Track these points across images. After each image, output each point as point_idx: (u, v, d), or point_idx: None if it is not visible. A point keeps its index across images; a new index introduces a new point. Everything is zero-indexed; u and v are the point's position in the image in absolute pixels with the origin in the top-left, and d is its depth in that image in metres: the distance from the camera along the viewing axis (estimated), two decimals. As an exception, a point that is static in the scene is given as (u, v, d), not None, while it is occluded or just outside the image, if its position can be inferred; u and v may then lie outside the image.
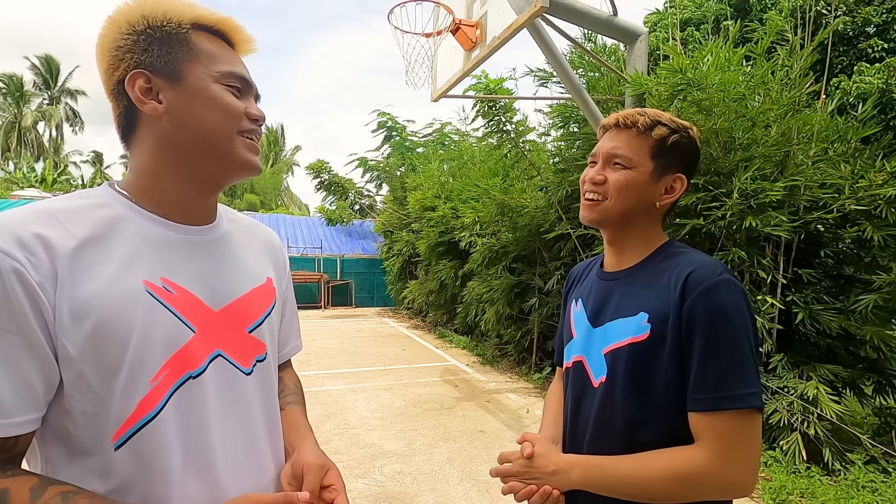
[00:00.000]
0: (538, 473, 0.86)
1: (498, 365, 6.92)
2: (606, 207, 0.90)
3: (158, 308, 0.64)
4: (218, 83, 0.68)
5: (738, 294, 0.80)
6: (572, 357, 0.99)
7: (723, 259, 3.48)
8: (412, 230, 10.37)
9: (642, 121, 0.89)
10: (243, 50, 0.75)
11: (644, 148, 0.89)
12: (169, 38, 0.66)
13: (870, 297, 3.18)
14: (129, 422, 0.62)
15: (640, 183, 0.89)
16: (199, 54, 0.68)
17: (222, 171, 0.71)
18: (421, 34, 3.77)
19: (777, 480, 3.07)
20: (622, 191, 0.89)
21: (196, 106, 0.67)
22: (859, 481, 2.96)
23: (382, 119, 13.62)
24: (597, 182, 0.90)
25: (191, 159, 0.68)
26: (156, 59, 0.66)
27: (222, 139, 0.68)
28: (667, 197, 0.91)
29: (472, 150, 8.99)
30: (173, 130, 0.67)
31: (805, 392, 3.23)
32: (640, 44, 3.97)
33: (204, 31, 0.70)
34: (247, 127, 0.70)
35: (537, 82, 5.31)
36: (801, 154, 3.56)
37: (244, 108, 0.70)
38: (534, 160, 5.81)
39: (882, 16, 7.09)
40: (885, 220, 3.13)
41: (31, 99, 31.19)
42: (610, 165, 0.90)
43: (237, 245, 0.79)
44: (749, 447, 0.76)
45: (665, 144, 0.89)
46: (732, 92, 3.43)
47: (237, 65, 0.71)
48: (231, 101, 0.69)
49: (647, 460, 0.80)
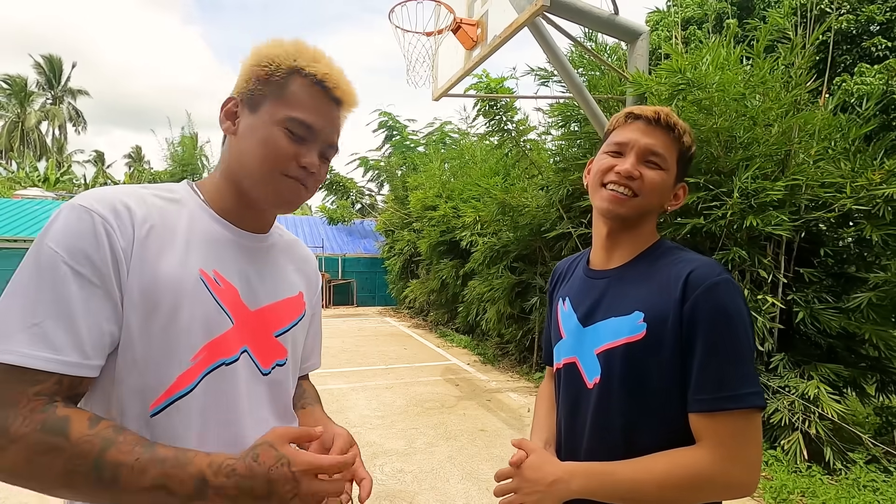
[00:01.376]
0: (538, 486, 0.83)
1: (499, 364, 6.92)
2: (638, 204, 0.88)
3: (207, 296, 0.71)
4: (279, 126, 0.74)
5: (738, 293, 0.80)
6: (563, 358, 0.97)
7: (723, 258, 3.47)
8: (413, 229, 10.38)
9: (679, 125, 0.88)
10: (345, 104, 0.79)
11: (675, 152, 0.89)
12: (268, 77, 0.75)
13: (864, 295, 3.17)
14: (167, 393, 0.68)
15: (667, 186, 0.89)
16: (286, 97, 0.74)
17: (260, 199, 0.78)
18: (422, 33, 3.77)
19: (778, 480, 3.07)
20: (656, 191, 0.87)
21: (252, 137, 0.74)
22: (860, 481, 2.95)
23: (383, 119, 13.63)
24: (633, 177, 0.86)
25: (241, 180, 0.77)
26: (250, 91, 0.75)
27: (263, 174, 0.74)
28: (674, 203, 0.93)
29: (473, 149, 8.98)
30: (236, 152, 0.77)
31: (806, 391, 3.22)
32: (642, 43, 3.96)
33: (306, 79, 0.75)
34: (293, 172, 0.75)
35: (538, 81, 5.32)
36: (803, 153, 3.55)
37: (294, 153, 0.74)
38: (535, 159, 5.81)
39: (886, 14, 7.06)
40: (884, 220, 3.12)
41: (34, 98, 31.29)
42: (643, 162, 0.87)
43: (280, 257, 0.87)
44: (752, 446, 0.76)
45: (688, 153, 0.90)
46: (732, 91, 3.42)
47: (313, 114, 0.75)
48: (281, 144, 0.74)
49: (650, 464, 0.78)
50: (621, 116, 0.92)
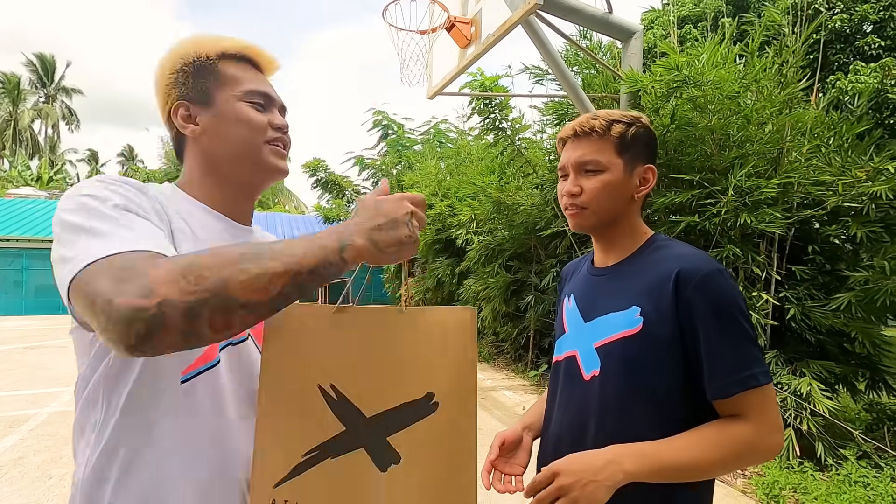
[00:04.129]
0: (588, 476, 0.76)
1: (494, 362, 6.93)
2: (592, 213, 0.93)
3: None
4: (241, 101, 0.79)
5: (729, 281, 0.83)
6: (564, 352, 1.00)
7: (718, 256, 3.49)
8: (409, 228, 10.35)
9: (598, 124, 0.91)
10: (269, 70, 0.86)
11: (609, 147, 0.91)
12: (200, 70, 0.79)
13: (846, 296, 3.17)
14: (194, 365, 0.71)
15: (615, 182, 0.92)
16: (226, 80, 0.79)
17: (254, 176, 0.82)
18: (416, 31, 3.76)
19: (770, 476, 3.09)
20: (601, 194, 0.92)
21: (225, 123, 0.78)
22: (851, 476, 2.97)
23: (378, 118, 13.60)
24: (574, 194, 0.93)
25: (226, 168, 0.80)
26: (191, 90, 0.79)
27: (251, 149, 0.79)
28: (642, 188, 0.94)
29: (468, 147, 8.98)
30: (210, 145, 0.79)
31: (798, 388, 3.24)
32: (635, 41, 3.97)
33: (230, 59, 0.81)
34: (272, 136, 0.80)
35: (533, 79, 5.31)
36: (795, 151, 3.57)
37: (267, 120, 0.80)
38: (530, 158, 5.81)
39: (879, 13, 7.10)
40: (868, 217, 3.13)
41: (27, 97, 31.03)
42: (582, 174, 0.93)
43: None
44: (777, 413, 0.83)
45: (627, 139, 0.92)
46: (727, 89, 3.44)
47: (259, 83, 0.82)
48: (254, 115, 0.79)
49: (697, 440, 0.80)
50: (558, 144, 1.00)
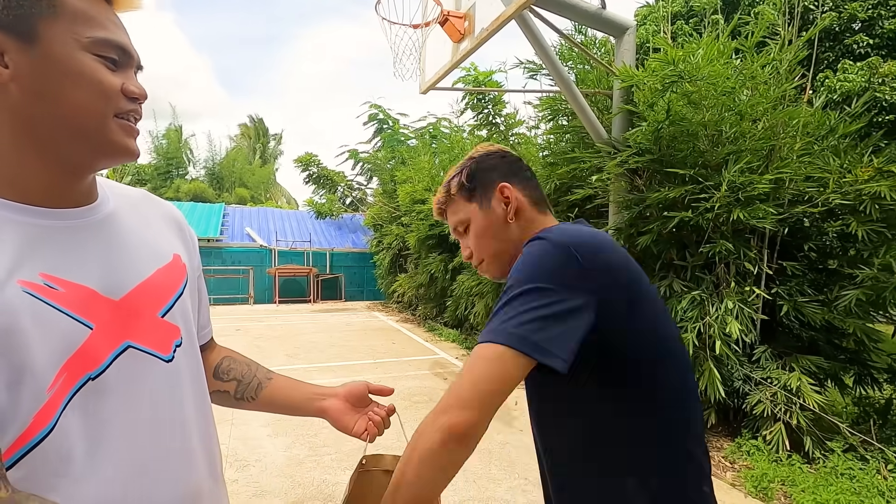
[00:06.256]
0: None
1: (487, 358, 6.94)
2: (491, 262, 0.97)
3: (46, 310, 0.55)
4: (87, 52, 0.55)
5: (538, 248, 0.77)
6: None
7: (710, 251, 3.51)
8: (402, 223, 10.34)
9: (441, 195, 1.00)
10: (123, 5, 0.61)
11: (460, 203, 0.98)
12: None
13: (853, 293, 3.22)
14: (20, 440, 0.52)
15: (483, 225, 0.95)
16: (64, 10, 0.54)
17: (91, 157, 0.59)
18: (409, 25, 3.74)
19: (759, 469, 3.13)
20: (482, 243, 0.96)
21: (56, 77, 0.54)
22: (838, 468, 3.02)
23: (373, 112, 13.54)
24: (468, 256, 1.00)
25: (50, 139, 0.56)
26: (5, 11, 0.52)
27: (92, 122, 0.57)
28: (509, 207, 0.94)
29: (463, 142, 8.97)
30: (25, 101, 0.54)
31: (788, 383, 3.28)
32: (629, 37, 3.97)
33: None
34: (125, 108, 0.59)
35: (527, 74, 5.30)
36: (786, 148, 3.60)
37: (121, 86, 0.58)
38: (523, 153, 5.81)
39: (867, 11, 7.16)
40: (870, 216, 3.18)
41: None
42: (462, 236, 1.00)
43: (130, 223, 0.69)
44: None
45: (465, 184, 0.97)
46: (722, 85, 3.45)
47: (115, 30, 0.58)
48: (105, 77, 0.56)
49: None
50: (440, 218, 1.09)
